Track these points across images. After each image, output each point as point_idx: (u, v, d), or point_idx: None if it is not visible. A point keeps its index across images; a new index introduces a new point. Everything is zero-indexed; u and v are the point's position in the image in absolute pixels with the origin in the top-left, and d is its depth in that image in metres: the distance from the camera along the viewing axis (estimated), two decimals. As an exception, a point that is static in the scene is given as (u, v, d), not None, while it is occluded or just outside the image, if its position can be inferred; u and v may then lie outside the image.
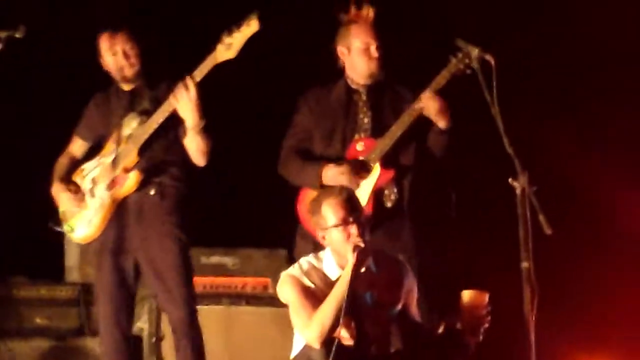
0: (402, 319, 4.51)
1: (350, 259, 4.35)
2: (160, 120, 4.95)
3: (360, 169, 5.00)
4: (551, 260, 4.77)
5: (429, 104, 4.90)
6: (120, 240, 5.01)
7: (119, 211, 5.02)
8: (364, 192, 4.98)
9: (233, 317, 5.77)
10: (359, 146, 5.03)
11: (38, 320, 5.76)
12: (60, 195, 5.09)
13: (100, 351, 5.12)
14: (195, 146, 4.93)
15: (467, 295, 4.41)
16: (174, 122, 4.95)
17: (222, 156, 5.52)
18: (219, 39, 4.83)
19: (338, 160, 5.02)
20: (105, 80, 5.15)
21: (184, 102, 4.81)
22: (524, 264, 4.40)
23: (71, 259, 5.83)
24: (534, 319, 4.36)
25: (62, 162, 5.20)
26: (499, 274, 4.95)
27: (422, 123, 4.97)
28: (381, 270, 4.51)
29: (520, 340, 4.42)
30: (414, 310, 4.59)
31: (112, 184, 5.03)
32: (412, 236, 5.01)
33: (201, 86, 4.85)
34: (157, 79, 5.10)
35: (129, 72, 5.03)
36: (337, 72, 5.11)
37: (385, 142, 4.99)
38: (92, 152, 5.20)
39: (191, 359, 4.95)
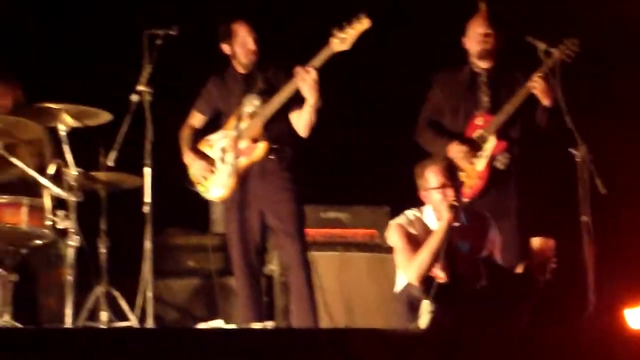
0: (487, 262, 4.85)
1: (445, 215, 4.73)
2: (284, 98, 5.22)
3: (476, 145, 5.34)
4: (606, 217, 5.04)
5: (537, 84, 5.25)
6: (246, 197, 5.30)
7: (245, 173, 5.31)
8: (483, 160, 5.34)
9: (346, 261, 6.05)
10: (479, 120, 5.40)
11: (190, 263, 6.11)
12: (193, 162, 5.39)
13: (236, 287, 5.44)
14: (306, 121, 5.19)
15: (536, 241, 4.81)
16: (289, 99, 5.25)
17: (345, 135, 5.94)
18: (330, 33, 5.12)
19: (461, 135, 5.37)
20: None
21: (306, 84, 5.10)
22: (584, 218, 4.82)
23: (216, 212, 6.10)
24: (592, 265, 4.73)
25: (186, 133, 5.45)
26: (562, 227, 5.03)
27: (528, 105, 5.34)
28: (471, 222, 4.89)
29: (580, 285, 4.76)
30: (497, 255, 4.93)
31: (240, 153, 5.29)
32: (517, 194, 5.31)
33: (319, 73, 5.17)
34: (264, 65, 5.34)
35: (252, 57, 5.31)
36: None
37: (500, 118, 5.35)
38: (209, 125, 5.44)
39: (305, 289, 5.22)
